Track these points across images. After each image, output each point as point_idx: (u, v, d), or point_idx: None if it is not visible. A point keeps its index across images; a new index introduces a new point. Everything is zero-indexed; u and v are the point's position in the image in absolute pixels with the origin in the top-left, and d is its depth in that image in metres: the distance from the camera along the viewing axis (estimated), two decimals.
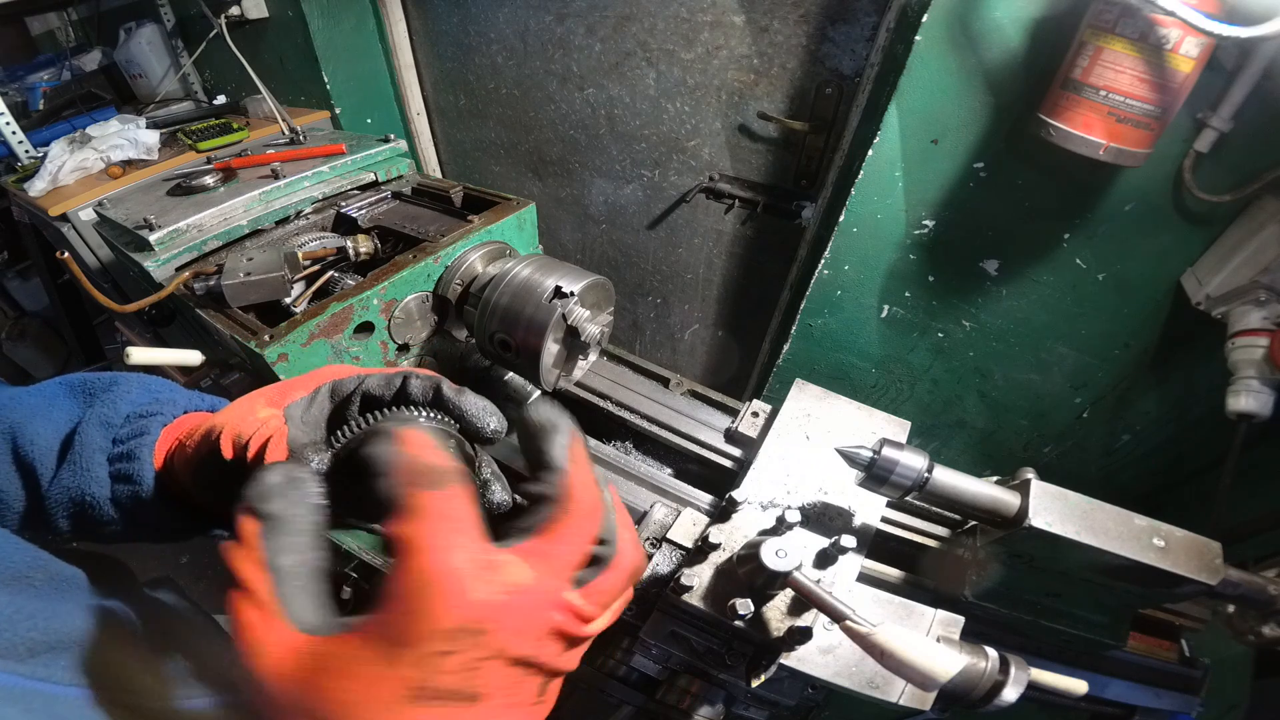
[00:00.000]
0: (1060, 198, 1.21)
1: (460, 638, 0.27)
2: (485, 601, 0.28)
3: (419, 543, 0.28)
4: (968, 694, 0.59)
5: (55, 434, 0.46)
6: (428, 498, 0.29)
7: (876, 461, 0.66)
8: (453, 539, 0.29)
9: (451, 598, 0.27)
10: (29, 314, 2.77)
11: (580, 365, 1.01)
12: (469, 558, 0.29)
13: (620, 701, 0.83)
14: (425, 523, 0.29)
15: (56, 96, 2.15)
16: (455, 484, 0.30)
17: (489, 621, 0.28)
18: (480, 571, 0.29)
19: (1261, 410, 0.99)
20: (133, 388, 0.49)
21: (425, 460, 0.30)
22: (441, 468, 0.31)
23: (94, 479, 0.44)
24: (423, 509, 0.29)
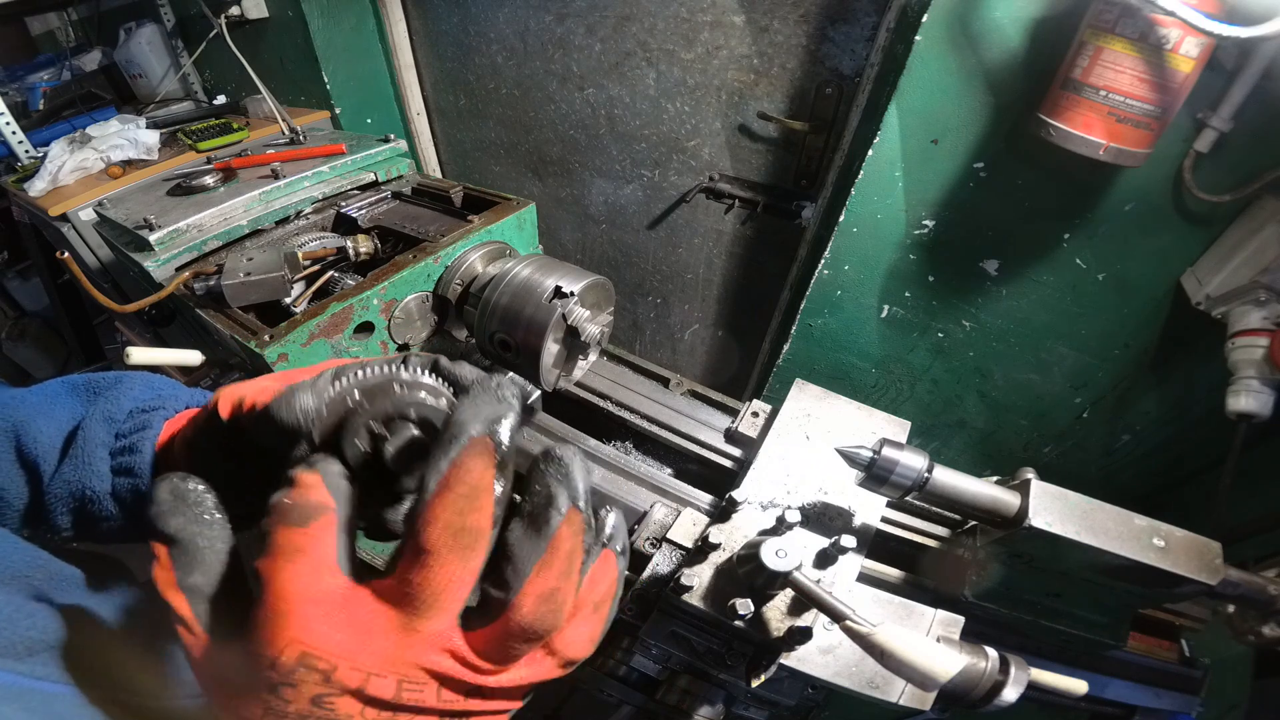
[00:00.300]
0: (1060, 198, 1.20)
1: (300, 671, 0.28)
2: (331, 636, 0.28)
3: (269, 576, 0.29)
4: (968, 694, 0.59)
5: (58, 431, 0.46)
6: (285, 534, 0.30)
7: (876, 461, 0.66)
8: (304, 574, 0.29)
9: (289, 630, 0.28)
10: (29, 314, 2.77)
11: (580, 365, 1.01)
12: (316, 589, 0.29)
13: (620, 701, 0.83)
14: (278, 558, 0.29)
15: (56, 96, 2.15)
16: (318, 519, 0.30)
17: (336, 658, 0.28)
18: (329, 607, 0.29)
19: (1261, 410, 0.99)
20: (136, 385, 0.49)
21: (299, 499, 0.30)
22: (312, 504, 0.30)
23: (95, 473, 0.44)
24: (278, 545, 0.29)
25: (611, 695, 0.83)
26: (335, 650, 0.28)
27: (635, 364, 1.08)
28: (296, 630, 0.28)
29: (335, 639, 0.28)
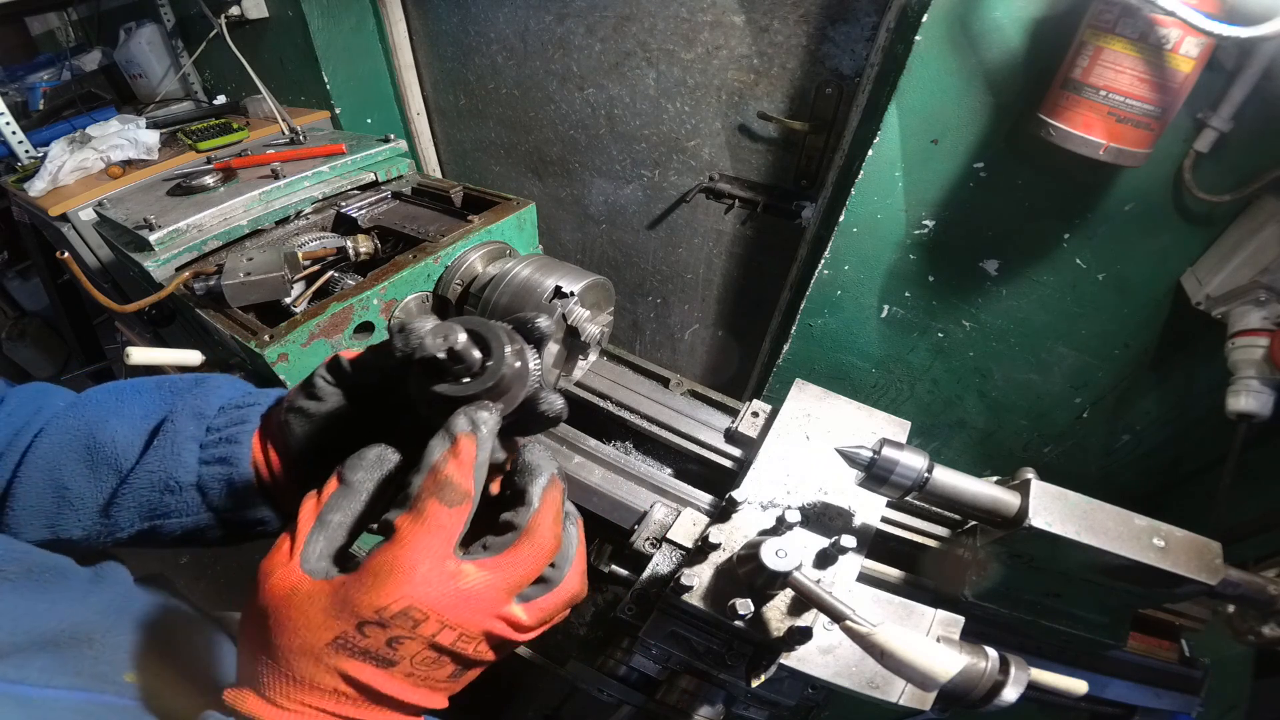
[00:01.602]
0: (1060, 198, 1.20)
1: (398, 619, 0.33)
2: (435, 596, 0.34)
3: (405, 537, 0.34)
4: (968, 694, 0.59)
5: (135, 430, 0.47)
6: (438, 509, 0.35)
7: (876, 461, 0.66)
8: (433, 544, 0.34)
9: (405, 586, 0.33)
10: (29, 314, 2.77)
11: (580, 365, 1.01)
12: (437, 561, 0.34)
13: (620, 701, 0.83)
14: (420, 525, 0.35)
15: (56, 96, 2.15)
16: (462, 505, 0.36)
17: (432, 612, 0.34)
18: (441, 574, 0.35)
19: (1261, 410, 0.99)
20: (222, 384, 0.52)
21: (454, 479, 0.36)
22: (463, 489, 0.36)
23: (181, 464, 0.46)
24: (426, 514, 0.35)
25: (611, 695, 0.83)
26: (432, 606, 0.34)
27: (635, 364, 1.08)
28: (411, 588, 0.33)
29: (436, 599, 0.34)
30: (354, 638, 0.33)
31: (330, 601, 0.34)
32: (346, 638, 0.33)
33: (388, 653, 0.34)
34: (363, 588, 0.33)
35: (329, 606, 0.34)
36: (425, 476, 0.36)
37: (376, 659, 0.34)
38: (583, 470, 0.90)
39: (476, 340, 0.40)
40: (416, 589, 0.34)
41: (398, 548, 0.34)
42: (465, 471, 0.36)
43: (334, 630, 0.33)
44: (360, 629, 0.33)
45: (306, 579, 0.34)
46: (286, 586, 0.34)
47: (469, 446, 0.37)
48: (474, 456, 0.37)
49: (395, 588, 0.33)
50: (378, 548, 0.35)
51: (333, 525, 0.37)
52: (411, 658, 0.35)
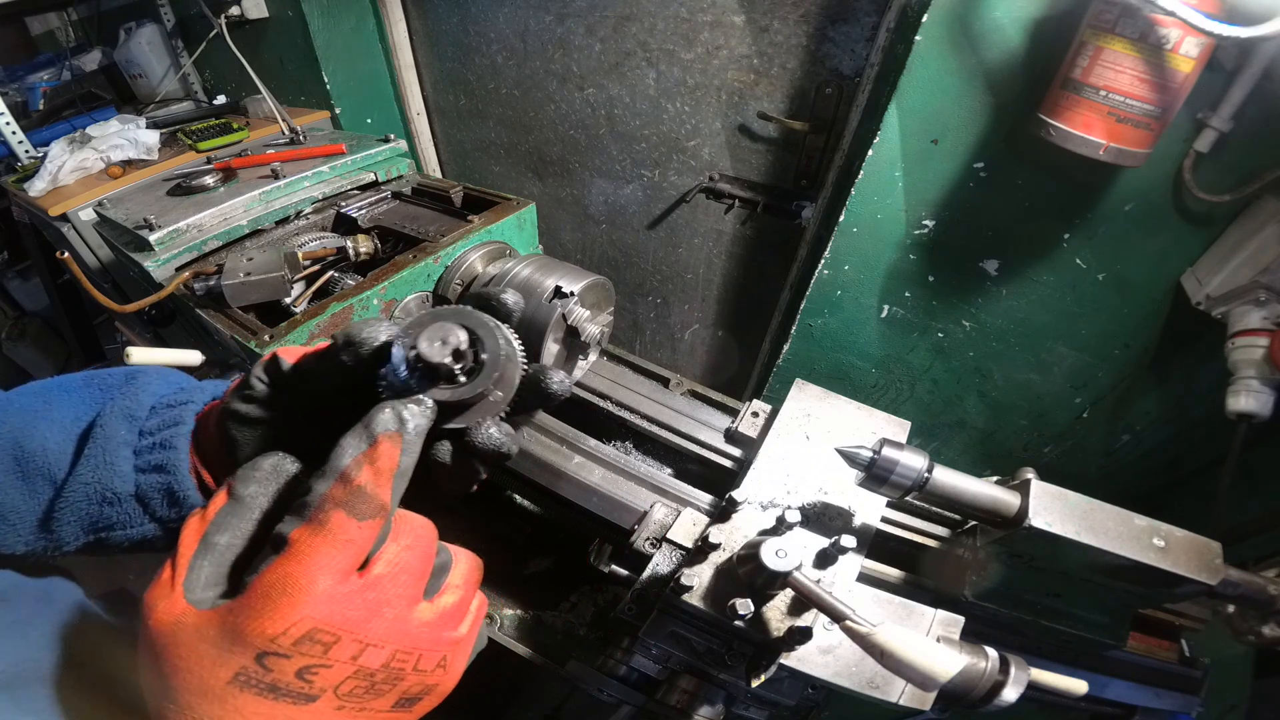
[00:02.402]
0: (1060, 198, 1.20)
1: (303, 644, 0.29)
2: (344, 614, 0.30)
3: (301, 551, 0.30)
4: (968, 694, 0.59)
5: (65, 435, 0.43)
6: (345, 522, 0.30)
7: (876, 461, 0.66)
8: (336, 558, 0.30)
9: (303, 607, 0.29)
10: (29, 314, 2.77)
11: (580, 365, 1.01)
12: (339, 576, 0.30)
13: (620, 701, 0.82)
14: (321, 538, 0.30)
15: (56, 96, 2.15)
16: (375, 519, 0.31)
17: (346, 633, 0.30)
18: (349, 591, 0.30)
19: (1261, 410, 0.99)
20: (152, 380, 0.47)
21: (369, 488, 0.31)
22: (377, 501, 0.31)
23: (117, 473, 0.41)
24: (330, 527, 0.30)
25: (611, 695, 0.83)
26: (341, 624, 0.30)
27: (635, 364, 1.08)
28: (311, 608, 0.29)
29: (346, 615, 0.30)
30: (255, 672, 0.29)
31: (219, 633, 0.29)
32: (247, 673, 0.29)
33: (301, 686, 0.30)
34: (251, 613, 0.29)
35: (218, 639, 0.29)
36: (331, 483, 0.31)
37: (291, 695, 0.30)
38: (583, 470, 0.90)
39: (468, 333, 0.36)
40: (318, 608, 0.29)
41: (290, 562, 0.29)
42: (383, 480, 0.31)
43: (230, 666, 0.29)
44: (260, 661, 0.29)
45: (191, 610, 0.30)
46: (170, 620, 0.30)
47: (390, 451, 0.32)
48: (395, 464, 0.32)
49: (290, 609, 0.29)
50: (267, 565, 0.30)
51: (219, 548, 0.32)
52: (335, 688, 0.31)
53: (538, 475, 0.89)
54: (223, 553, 0.32)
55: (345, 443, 0.32)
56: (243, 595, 0.30)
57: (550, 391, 0.39)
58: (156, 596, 0.31)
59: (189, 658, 0.29)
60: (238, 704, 0.29)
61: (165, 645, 0.30)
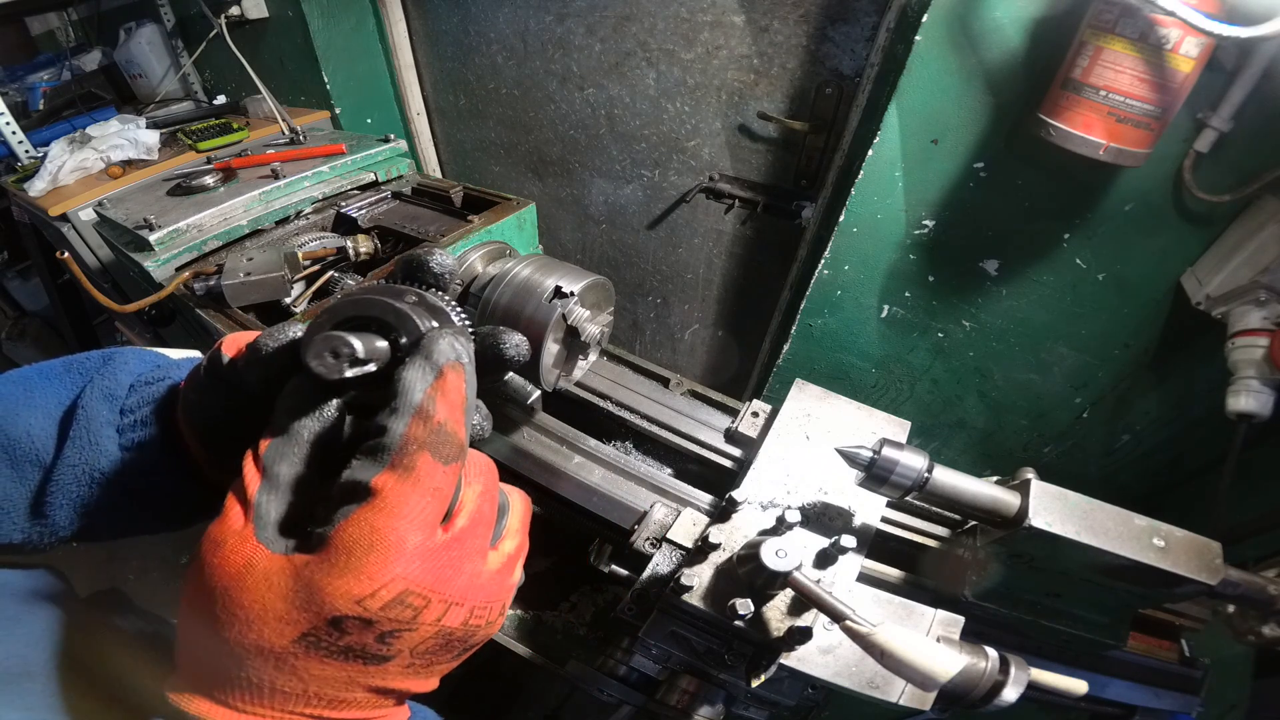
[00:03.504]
0: (1060, 198, 1.20)
1: (393, 608, 0.27)
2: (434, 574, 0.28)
3: (391, 501, 0.27)
4: (968, 694, 0.59)
5: (49, 419, 0.42)
6: (429, 464, 0.28)
7: (876, 461, 0.66)
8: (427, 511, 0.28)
9: (394, 564, 0.26)
10: (29, 314, 2.77)
11: (580, 365, 1.01)
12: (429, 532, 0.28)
13: (620, 701, 0.83)
14: (410, 485, 0.27)
15: (56, 96, 2.15)
16: (458, 463, 0.29)
17: (433, 593, 0.28)
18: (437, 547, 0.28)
19: (1261, 410, 0.98)
20: (130, 359, 0.46)
21: (449, 425, 0.29)
22: (458, 441, 0.29)
23: (103, 453, 0.41)
24: (420, 475, 0.28)
25: (611, 695, 0.83)
26: (434, 585, 0.28)
27: (635, 364, 1.08)
28: (404, 567, 0.27)
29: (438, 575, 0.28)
30: (328, 635, 0.27)
31: (293, 587, 0.26)
32: (317, 635, 0.27)
33: (380, 649, 0.28)
34: (334, 569, 0.26)
35: (290, 594, 0.26)
36: (409, 420, 0.28)
37: (365, 657, 0.28)
38: (583, 470, 0.90)
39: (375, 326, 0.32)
40: (411, 567, 0.27)
41: (378, 515, 0.26)
42: (458, 416, 0.29)
43: (299, 625, 0.26)
44: (336, 625, 0.27)
45: (263, 553, 0.27)
46: (240, 562, 0.27)
47: (457, 384, 0.29)
48: (464, 397, 0.30)
49: (383, 568, 0.26)
50: (345, 516, 0.27)
51: (281, 480, 0.29)
52: (412, 649, 0.29)
53: (538, 475, 0.89)
54: (284, 487, 0.29)
55: (410, 376, 0.29)
56: (324, 549, 0.27)
57: (507, 357, 0.36)
58: (225, 532, 0.28)
59: (254, 609, 0.27)
60: (298, 665, 0.27)
61: (228, 588, 0.27)
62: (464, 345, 0.31)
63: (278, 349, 0.34)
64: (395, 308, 0.32)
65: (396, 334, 0.32)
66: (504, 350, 0.36)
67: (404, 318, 0.32)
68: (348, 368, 0.29)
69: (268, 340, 0.34)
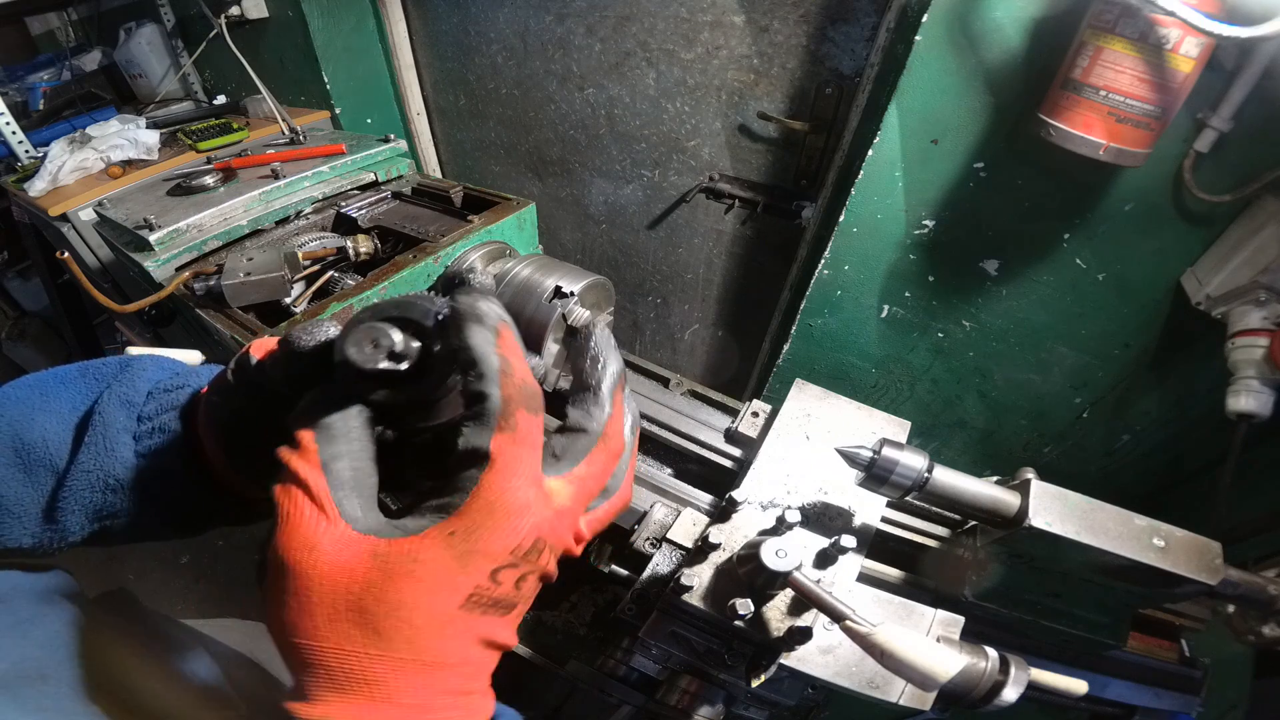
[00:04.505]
0: (1060, 198, 1.20)
1: (530, 555, 0.31)
2: (547, 521, 0.31)
3: (510, 463, 0.30)
4: (968, 694, 0.59)
5: (64, 425, 0.42)
6: (527, 420, 0.31)
7: (876, 461, 0.66)
8: (535, 463, 0.31)
9: (528, 516, 0.30)
10: (29, 314, 2.77)
11: None
12: (538, 483, 0.31)
13: (620, 701, 0.83)
14: (520, 446, 0.30)
15: (56, 96, 2.15)
16: (541, 411, 0.32)
17: (547, 539, 0.31)
18: (542, 496, 0.32)
19: (1261, 410, 0.98)
20: (148, 366, 0.46)
21: (528, 381, 0.32)
22: (537, 391, 0.32)
23: (119, 460, 0.41)
24: (522, 432, 0.30)
25: (611, 695, 0.83)
26: (547, 531, 0.31)
27: (635, 364, 1.08)
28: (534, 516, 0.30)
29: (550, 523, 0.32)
30: (488, 589, 0.30)
31: (450, 554, 0.28)
32: (480, 592, 0.29)
33: (514, 595, 0.31)
34: (485, 530, 0.29)
35: (449, 561, 0.28)
36: (502, 383, 0.30)
37: (503, 606, 0.31)
38: None
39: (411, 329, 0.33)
40: (538, 515, 0.31)
41: (505, 476, 0.29)
42: (526, 368, 0.32)
43: (465, 588, 0.29)
44: (494, 576, 0.30)
45: (380, 541, 0.29)
46: (365, 554, 0.28)
47: (511, 338, 0.32)
48: (521, 349, 0.33)
49: (520, 520, 0.30)
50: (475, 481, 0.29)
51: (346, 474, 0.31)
52: (528, 595, 0.32)
53: None
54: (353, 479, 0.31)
55: (477, 338, 0.31)
56: (462, 515, 0.29)
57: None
58: (316, 535, 0.28)
59: (409, 587, 0.28)
60: (468, 624, 0.29)
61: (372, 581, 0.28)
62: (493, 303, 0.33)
63: (313, 346, 0.36)
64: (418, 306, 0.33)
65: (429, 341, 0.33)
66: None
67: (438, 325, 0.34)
68: (384, 360, 0.31)
69: (303, 335, 0.36)
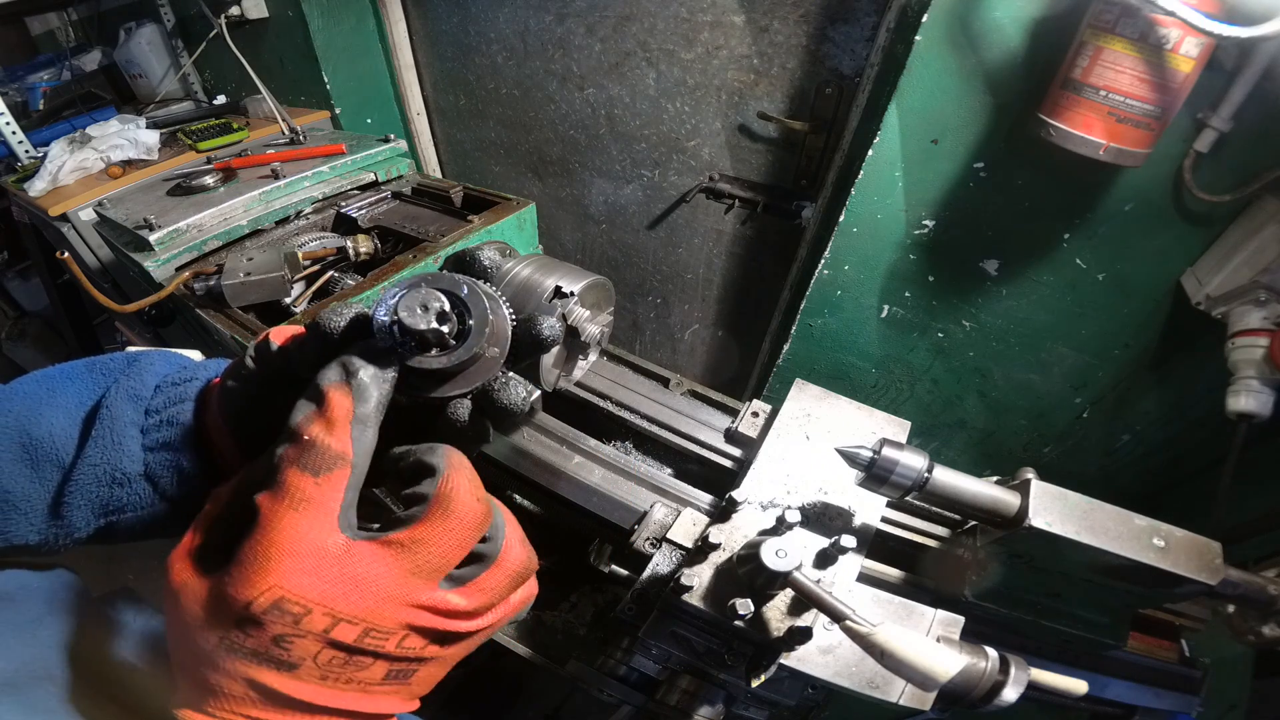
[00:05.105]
0: (1060, 198, 1.20)
1: (272, 614, 0.29)
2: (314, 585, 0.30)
3: (270, 519, 0.30)
4: (968, 694, 0.59)
5: (71, 420, 0.42)
6: (300, 480, 0.31)
7: (876, 461, 0.66)
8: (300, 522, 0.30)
9: (270, 575, 0.29)
10: (29, 314, 2.77)
11: (580, 365, 1.01)
12: (315, 545, 0.30)
13: (620, 701, 0.83)
14: (281, 501, 0.31)
15: (56, 96, 2.15)
16: (335, 471, 0.31)
17: (315, 604, 0.30)
18: (321, 559, 0.30)
19: (1261, 410, 0.98)
20: (155, 360, 0.46)
21: (321, 440, 0.31)
22: (334, 451, 0.31)
23: (126, 454, 0.41)
24: (290, 490, 0.31)
25: (611, 695, 0.83)
26: (314, 597, 0.30)
27: (635, 364, 1.07)
28: (278, 577, 0.29)
29: (318, 588, 0.30)
30: (237, 638, 0.30)
31: (210, 599, 0.30)
32: (230, 639, 0.30)
33: (280, 653, 0.30)
34: (230, 581, 0.30)
35: (209, 604, 0.30)
36: (285, 444, 0.32)
37: (273, 661, 0.30)
38: (583, 470, 0.90)
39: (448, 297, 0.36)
40: (287, 577, 0.29)
41: (259, 531, 0.30)
42: (337, 430, 0.32)
43: (216, 631, 0.30)
44: (240, 627, 0.30)
45: (195, 573, 0.31)
46: (179, 581, 0.31)
47: (341, 401, 0.32)
48: (349, 411, 0.32)
49: (260, 578, 0.29)
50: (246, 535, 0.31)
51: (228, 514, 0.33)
52: (314, 658, 0.31)
53: (538, 475, 0.89)
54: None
55: (297, 404, 0.33)
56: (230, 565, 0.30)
57: (544, 337, 0.39)
58: (174, 558, 0.32)
59: (188, 619, 0.31)
60: (229, 667, 0.30)
61: (173, 605, 0.31)
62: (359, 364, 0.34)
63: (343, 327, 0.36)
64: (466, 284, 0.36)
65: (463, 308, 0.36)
66: (540, 332, 0.39)
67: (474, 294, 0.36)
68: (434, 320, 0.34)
69: (332, 317, 0.36)
